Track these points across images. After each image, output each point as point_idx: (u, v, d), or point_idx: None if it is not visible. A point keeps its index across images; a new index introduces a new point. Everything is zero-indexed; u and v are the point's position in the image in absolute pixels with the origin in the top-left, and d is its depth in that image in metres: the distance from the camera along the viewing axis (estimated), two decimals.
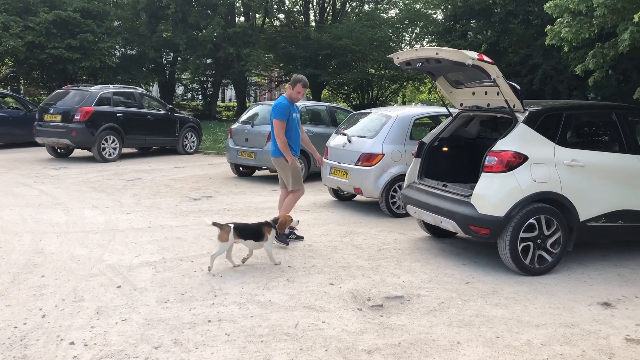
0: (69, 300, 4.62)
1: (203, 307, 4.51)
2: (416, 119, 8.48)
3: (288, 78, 35.42)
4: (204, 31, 27.10)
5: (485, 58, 5.35)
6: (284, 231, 5.96)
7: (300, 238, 6.68)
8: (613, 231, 5.82)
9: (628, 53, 11.03)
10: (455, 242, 6.70)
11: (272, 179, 11.32)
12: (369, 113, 9.21)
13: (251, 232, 5.58)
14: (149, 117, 14.83)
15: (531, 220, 5.38)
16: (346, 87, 34.33)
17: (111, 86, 15.15)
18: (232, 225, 5.44)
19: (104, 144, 13.69)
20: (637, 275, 5.52)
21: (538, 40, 22.89)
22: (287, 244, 6.42)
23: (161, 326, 4.13)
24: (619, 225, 5.77)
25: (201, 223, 7.38)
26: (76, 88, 14.50)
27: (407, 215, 7.54)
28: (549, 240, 5.47)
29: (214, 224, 5.45)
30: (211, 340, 3.91)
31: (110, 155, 13.84)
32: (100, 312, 4.37)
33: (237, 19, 31.73)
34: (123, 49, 29.80)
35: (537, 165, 5.44)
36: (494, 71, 5.41)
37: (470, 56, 5.34)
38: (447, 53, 5.60)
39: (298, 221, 6.18)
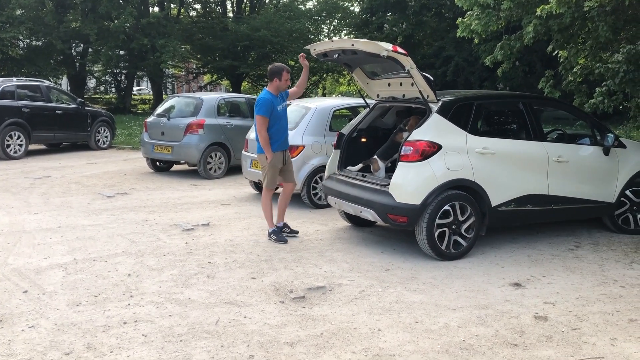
0: None
1: (118, 309, 4.32)
2: (335, 111, 8.52)
3: (206, 70, 34.78)
4: (115, 21, 25.98)
5: (399, 50, 5.44)
6: None
7: (294, 233, 6.56)
8: (522, 215, 6.11)
9: (532, 45, 11.61)
10: (375, 231, 6.80)
11: (191, 174, 11.06)
12: (288, 105, 9.14)
13: None
14: (57, 111, 14.05)
15: (446, 207, 5.55)
16: (266, 79, 34.00)
17: (15, 79, 14.22)
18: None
19: (8, 141, 12.85)
20: (544, 256, 5.83)
21: (450, 32, 23.68)
22: (287, 242, 6.25)
23: (72, 331, 3.92)
24: (527, 209, 6.06)
25: (117, 220, 7.09)
26: None
27: (328, 206, 7.58)
28: (463, 225, 5.66)
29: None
30: (127, 343, 3.75)
31: (15, 152, 13.01)
32: (4, 320, 4.08)
33: (150, 9, 30.65)
34: (28, 40, 28.05)
35: (450, 153, 5.60)
36: (407, 62, 5.51)
37: (384, 48, 5.41)
38: (363, 45, 5.65)
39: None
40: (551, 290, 4.81)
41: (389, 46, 5.43)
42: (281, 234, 6.37)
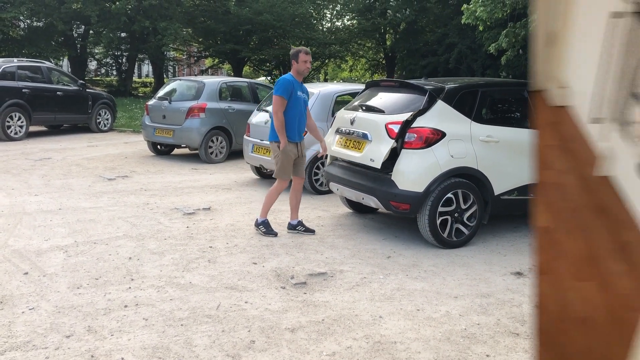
0: None
1: (119, 292, 4.31)
2: (338, 96, 8.46)
3: (207, 53, 34.58)
4: (117, 3, 25.76)
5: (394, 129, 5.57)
6: None
7: (310, 231, 6.05)
8: (525, 204, 6.08)
9: None
10: (376, 218, 6.78)
11: (192, 158, 11.03)
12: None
13: None
14: (58, 93, 13.98)
15: (449, 195, 5.52)
16: (268, 64, 33.89)
17: (15, 60, 14.12)
18: None
19: (8, 122, 12.79)
20: None
21: (454, 19, 23.50)
22: (277, 234, 5.89)
23: (73, 313, 3.91)
24: (530, 198, 6.03)
25: (118, 203, 7.07)
26: None
27: (330, 192, 7.55)
28: (465, 213, 5.64)
29: None
30: (128, 326, 3.74)
31: (16, 133, 12.96)
32: (4, 302, 4.07)
33: None
34: (28, 21, 27.85)
35: (454, 141, 5.56)
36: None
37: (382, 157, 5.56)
38: None
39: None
40: None
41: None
42: (270, 226, 5.95)
